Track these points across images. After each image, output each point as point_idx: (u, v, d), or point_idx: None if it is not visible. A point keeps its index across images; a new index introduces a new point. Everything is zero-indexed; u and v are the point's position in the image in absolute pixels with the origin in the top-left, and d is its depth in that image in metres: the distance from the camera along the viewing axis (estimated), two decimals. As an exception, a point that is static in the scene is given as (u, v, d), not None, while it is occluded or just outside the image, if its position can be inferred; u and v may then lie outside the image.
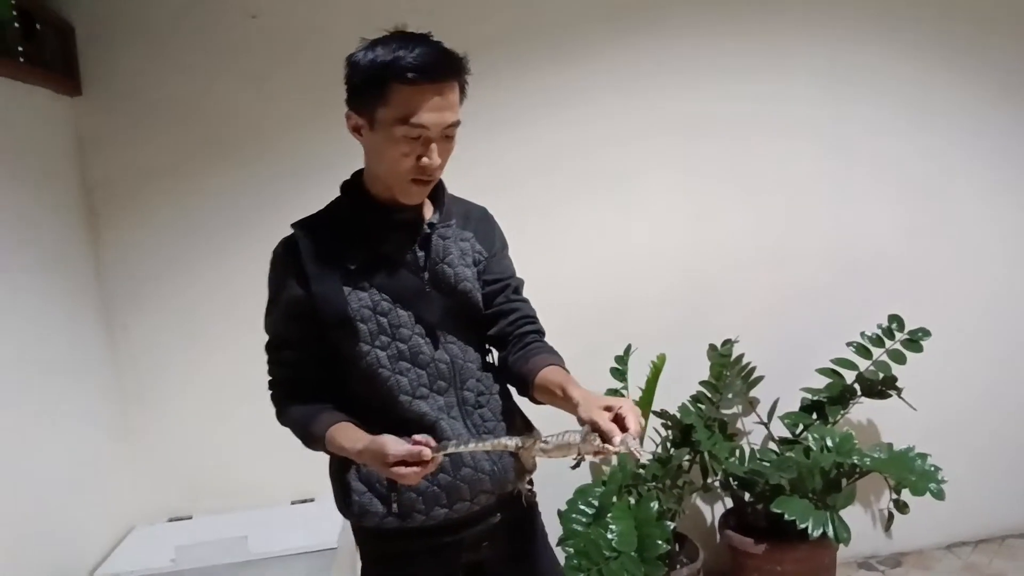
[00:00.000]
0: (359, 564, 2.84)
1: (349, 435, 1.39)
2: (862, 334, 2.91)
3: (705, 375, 2.90)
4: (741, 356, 2.90)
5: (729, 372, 2.88)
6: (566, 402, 1.31)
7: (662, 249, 2.95)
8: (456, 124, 1.37)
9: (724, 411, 2.94)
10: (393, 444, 1.28)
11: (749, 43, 2.94)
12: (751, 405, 3.00)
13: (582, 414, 1.22)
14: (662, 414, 2.81)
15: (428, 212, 1.51)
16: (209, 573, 2.27)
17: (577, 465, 1.24)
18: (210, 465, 2.76)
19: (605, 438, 1.15)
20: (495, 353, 1.58)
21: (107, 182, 2.63)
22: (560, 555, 2.30)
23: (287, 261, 1.44)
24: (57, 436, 2.27)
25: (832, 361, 2.89)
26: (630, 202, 2.91)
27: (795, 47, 2.99)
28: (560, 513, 2.61)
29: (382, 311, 1.41)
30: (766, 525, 2.78)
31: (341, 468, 1.51)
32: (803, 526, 2.53)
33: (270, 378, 1.53)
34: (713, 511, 3.14)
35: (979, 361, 3.22)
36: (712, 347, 2.92)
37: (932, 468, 2.58)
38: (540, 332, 1.55)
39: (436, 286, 1.47)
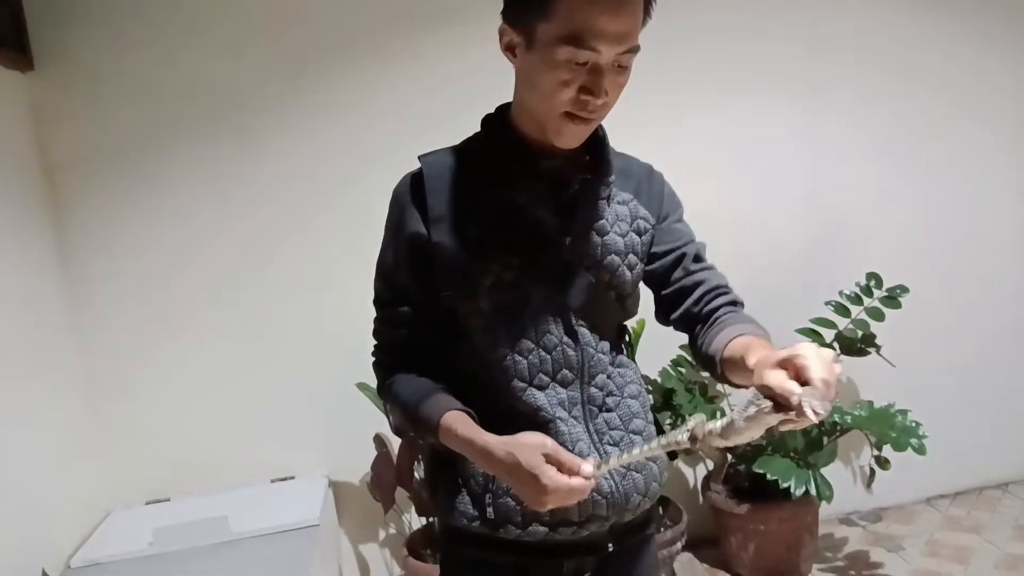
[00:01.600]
0: (343, 540, 2.86)
1: (474, 432, 1.12)
2: (841, 292, 2.90)
3: (685, 339, 2.86)
4: (721, 318, 2.88)
5: (709, 335, 2.86)
6: (744, 370, 1.08)
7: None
8: (634, 51, 1.10)
9: (704, 374, 2.93)
10: (551, 471, 1.02)
11: (726, 4, 2.91)
12: (731, 367, 2.98)
13: (755, 381, 0.95)
14: (642, 379, 2.79)
15: (579, 160, 1.24)
16: (189, 555, 2.23)
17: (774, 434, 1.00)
18: (187, 445, 2.71)
19: (782, 403, 0.89)
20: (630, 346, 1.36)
21: (68, 161, 2.55)
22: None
23: (411, 198, 1.20)
24: (26, 422, 2.22)
25: (811, 320, 2.88)
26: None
27: (774, 8, 2.95)
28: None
29: (508, 278, 1.17)
30: (749, 485, 2.78)
31: (437, 456, 1.28)
32: (786, 485, 2.53)
33: (376, 342, 1.28)
34: (695, 473, 3.14)
35: (957, 316, 3.23)
36: (691, 310, 2.89)
37: (913, 424, 2.59)
38: (734, 303, 1.26)
39: (577, 256, 1.20)
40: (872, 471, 2.72)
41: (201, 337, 2.68)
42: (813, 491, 2.52)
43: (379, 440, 2.64)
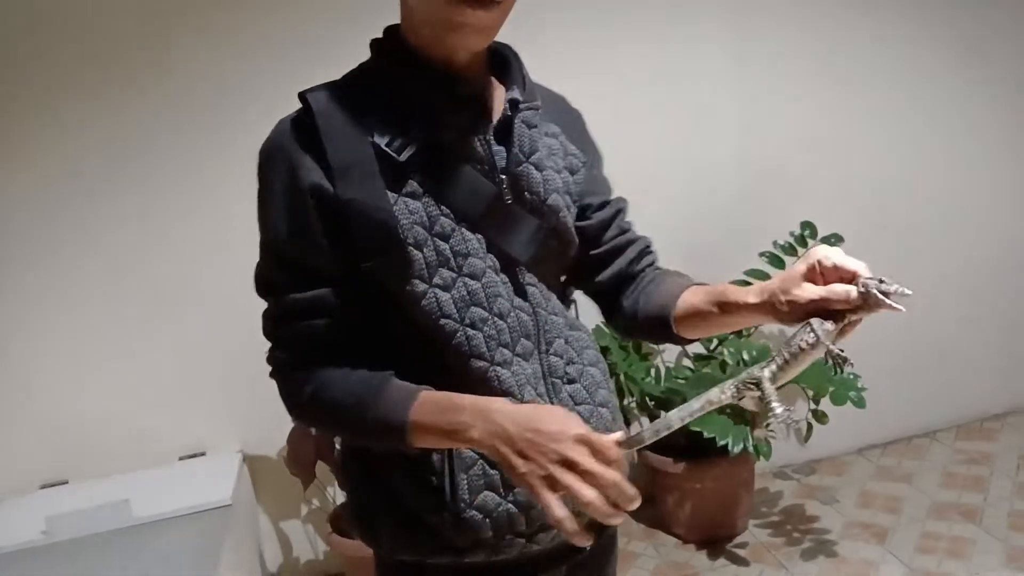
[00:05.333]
0: (262, 519, 2.69)
1: (462, 403, 0.91)
2: (775, 243, 2.83)
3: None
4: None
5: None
6: (742, 312, 0.96)
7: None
8: None
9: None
10: (573, 418, 0.87)
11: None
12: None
13: (784, 308, 0.87)
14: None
15: (497, 87, 1.05)
16: (86, 544, 2.03)
17: (837, 365, 0.85)
18: (86, 423, 2.49)
19: (845, 309, 0.82)
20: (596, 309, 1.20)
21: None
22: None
23: (298, 145, 0.94)
24: None
25: (745, 272, 2.80)
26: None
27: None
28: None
29: (442, 231, 0.96)
30: (685, 443, 2.71)
31: (365, 471, 1.06)
32: (723, 443, 2.46)
33: (272, 344, 1.01)
34: (630, 432, 3.06)
35: (888, 265, 3.20)
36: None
37: (851, 377, 2.54)
38: (655, 263, 1.15)
39: (518, 197, 1.01)
40: (809, 425, 2.68)
41: (101, 305, 2.45)
42: (751, 448, 2.46)
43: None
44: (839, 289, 0.82)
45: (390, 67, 1.00)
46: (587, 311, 1.30)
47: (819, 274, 0.85)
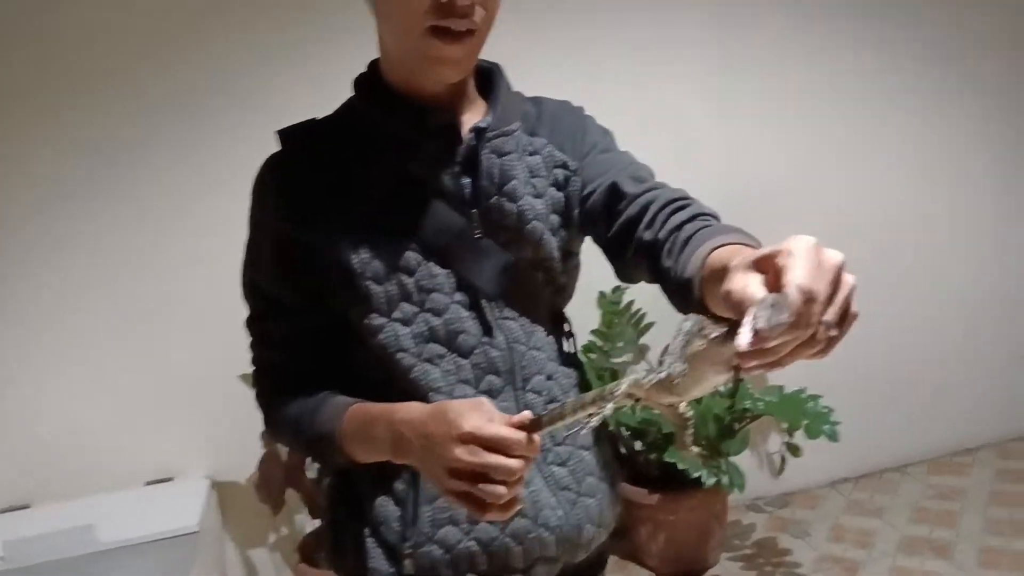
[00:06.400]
0: (228, 547, 2.63)
1: (376, 413, 0.93)
2: (750, 275, 2.85)
3: (595, 324, 2.77)
4: (631, 303, 2.79)
5: (619, 320, 2.77)
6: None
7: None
8: None
9: (615, 360, 2.83)
10: (470, 411, 0.82)
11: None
12: (642, 353, 2.90)
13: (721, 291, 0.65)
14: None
15: (478, 115, 1.02)
16: (49, 569, 1.99)
17: (733, 388, 0.72)
18: (50, 445, 2.43)
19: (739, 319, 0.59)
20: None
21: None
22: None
23: (271, 188, 0.98)
24: None
25: (721, 304, 2.81)
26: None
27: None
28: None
29: (407, 266, 0.95)
30: (659, 475, 2.70)
31: (336, 493, 1.08)
32: (697, 475, 2.45)
33: (255, 368, 1.06)
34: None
35: (865, 299, 3.22)
36: (602, 295, 2.80)
37: (825, 410, 2.55)
38: (704, 215, 0.92)
39: (490, 230, 0.99)
40: (783, 458, 2.68)
41: (66, 324, 2.40)
42: (725, 480, 2.45)
43: (266, 436, 2.43)
44: (747, 293, 0.61)
45: (366, 103, 1.01)
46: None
47: (772, 266, 0.62)
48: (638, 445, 2.79)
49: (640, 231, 0.94)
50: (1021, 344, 3.48)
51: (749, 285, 0.61)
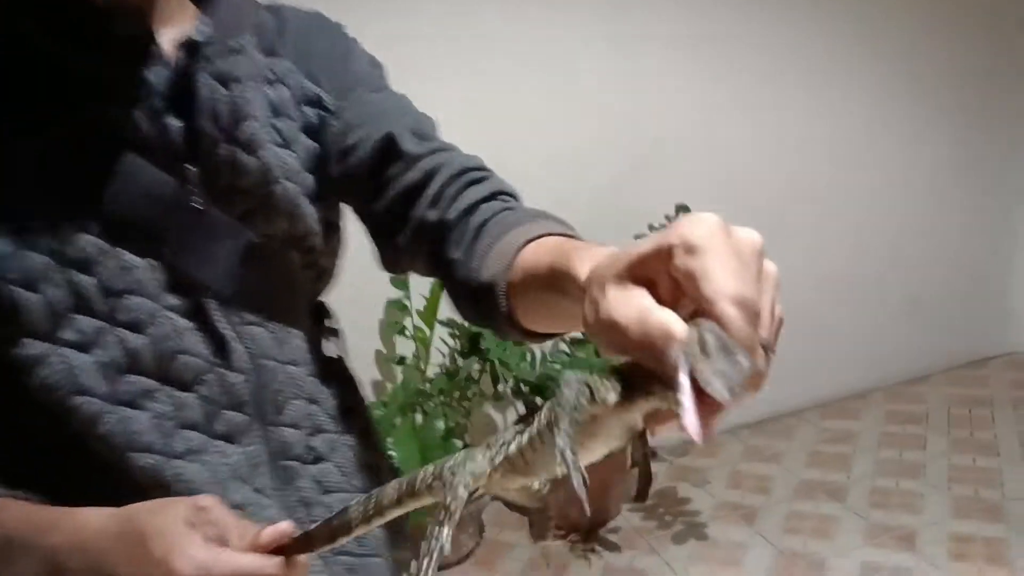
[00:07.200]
0: None
1: (18, 531, 0.62)
2: (650, 226, 2.80)
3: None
4: (530, 255, 2.71)
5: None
6: (571, 294, 0.52)
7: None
8: None
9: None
10: (186, 535, 0.57)
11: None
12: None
13: (588, 319, 0.45)
14: (449, 323, 2.59)
15: (187, 22, 0.69)
16: None
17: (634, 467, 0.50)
18: None
19: (646, 376, 0.41)
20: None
21: None
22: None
23: None
24: None
25: (621, 256, 2.76)
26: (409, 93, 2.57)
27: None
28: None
29: (81, 257, 0.63)
30: (560, 430, 2.65)
31: None
32: (598, 429, 2.41)
33: None
34: (505, 419, 2.99)
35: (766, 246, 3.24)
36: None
37: (723, 359, 2.54)
38: (504, 194, 0.72)
39: (218, 196, 0.68)
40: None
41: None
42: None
43: None
44: (656, 332, 0.40)
45: (10, 6, 0.63)
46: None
47: (667, 270, 0.42)
48: (538, 400, 2.74)
49: (421, 207, 0.71)
50: (908, 289, 3.57)
51: (649, 318, 0.40)
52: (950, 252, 3.62)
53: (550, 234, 0.62)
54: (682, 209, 2.79)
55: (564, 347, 2.82)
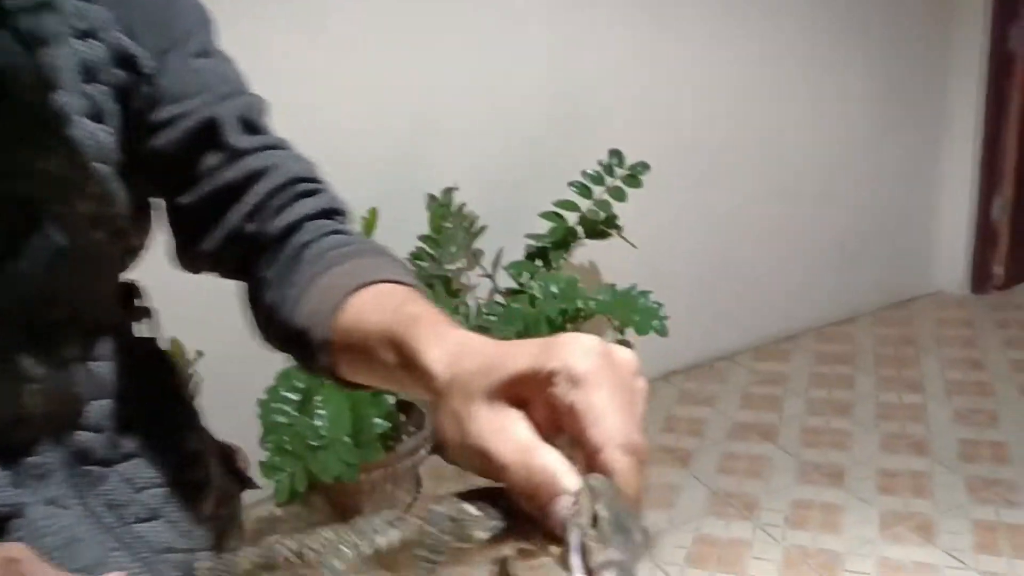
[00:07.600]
0: None
1: None
2: (583, 172, 2.77)
3: (424, 229, 2.62)
4: (463, 205, 2.64)
5: (450, 224, 2.63)
6: (415, 375, 0.48)
7: (368, 90, 2.55)
8: None
9: (447, 267, 2.70)
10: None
11: None
12: (475, 258, 2.78)
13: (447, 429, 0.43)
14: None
15: None
16: None
17: None
18: None
19: (523, 522, 0.39)
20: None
21: None
22: (261, 456, 2.00)
23: None
24: None
25: (554, 204, 2.73)
26: (329, 38, 2.46)
27: None
28: (260, 403, 2.16)
29: None
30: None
31: None
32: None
33: None
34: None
35: (692, 193, 3.24)
36: (431, 197, 2.64)
37: (655, 305, 2.54)
38: (337, 213, 0.68)
39: (14, 186, 0.55)
40: (616, 356, 2.67)
41: None
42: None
43: None
44: (541, 480, 0.37)
45: None
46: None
47: (544, 395, 0.39)
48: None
49: (238, 213, 0.63)
50: (836, 232, 3.62)
51: (526, 450, 0.37)
52: (876, 195, 3.68)
53: (382, 280, 0.57)
54: (615, 154, 2.76)
55: (499, 299, 2.79)
